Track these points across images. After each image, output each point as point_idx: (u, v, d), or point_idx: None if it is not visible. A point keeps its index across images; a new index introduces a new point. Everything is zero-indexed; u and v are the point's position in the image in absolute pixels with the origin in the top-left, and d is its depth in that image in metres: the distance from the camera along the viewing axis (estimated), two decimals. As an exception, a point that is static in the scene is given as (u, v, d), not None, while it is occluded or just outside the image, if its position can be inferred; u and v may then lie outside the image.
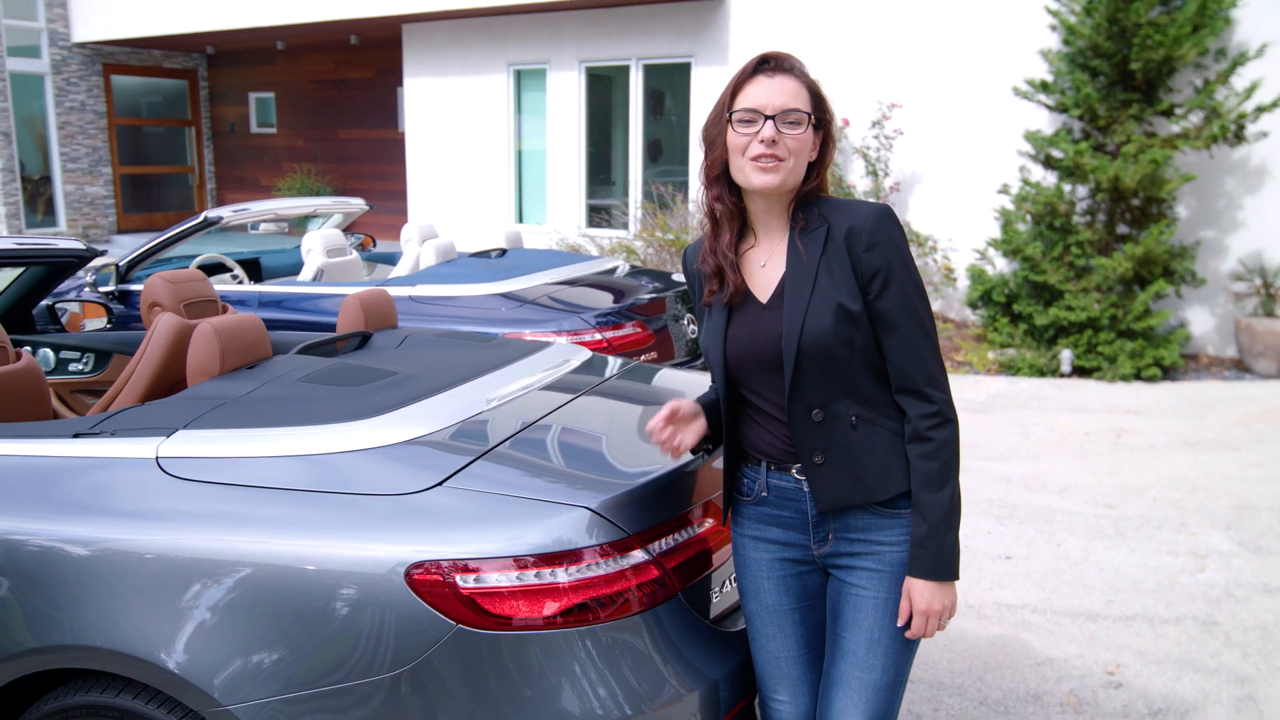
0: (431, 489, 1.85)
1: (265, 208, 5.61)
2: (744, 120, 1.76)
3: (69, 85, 14.64)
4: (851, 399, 1.78)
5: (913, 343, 1.76)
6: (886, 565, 1.82)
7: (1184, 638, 3.50)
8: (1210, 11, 6.87)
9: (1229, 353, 7.69)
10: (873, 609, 1.83)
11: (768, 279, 1.85)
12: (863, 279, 1.76)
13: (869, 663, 1.83)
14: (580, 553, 1.76)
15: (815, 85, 1.81)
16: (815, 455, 1.80)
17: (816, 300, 1.75)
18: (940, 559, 1.76)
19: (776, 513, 1.90)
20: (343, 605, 1.75)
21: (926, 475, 1.76)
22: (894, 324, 1.76)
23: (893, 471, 1.79)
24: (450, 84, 11.70)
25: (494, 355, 2.65)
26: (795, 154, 1.76)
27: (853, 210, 1.79)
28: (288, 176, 15.01)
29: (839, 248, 1.77)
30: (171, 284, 3.17)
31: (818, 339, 1.74)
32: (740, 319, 1.85)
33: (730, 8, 9.59)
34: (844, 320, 1.74)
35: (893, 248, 1.76)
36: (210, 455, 1.96)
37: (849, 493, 1.80)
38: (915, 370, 1.76)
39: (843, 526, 1.84)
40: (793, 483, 1.86)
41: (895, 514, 1.82)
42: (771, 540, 1.92)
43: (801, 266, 1.78)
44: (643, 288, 4.88)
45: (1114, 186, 7.00)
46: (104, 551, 1.87)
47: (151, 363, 2.82)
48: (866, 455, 1.79)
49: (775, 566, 1.92)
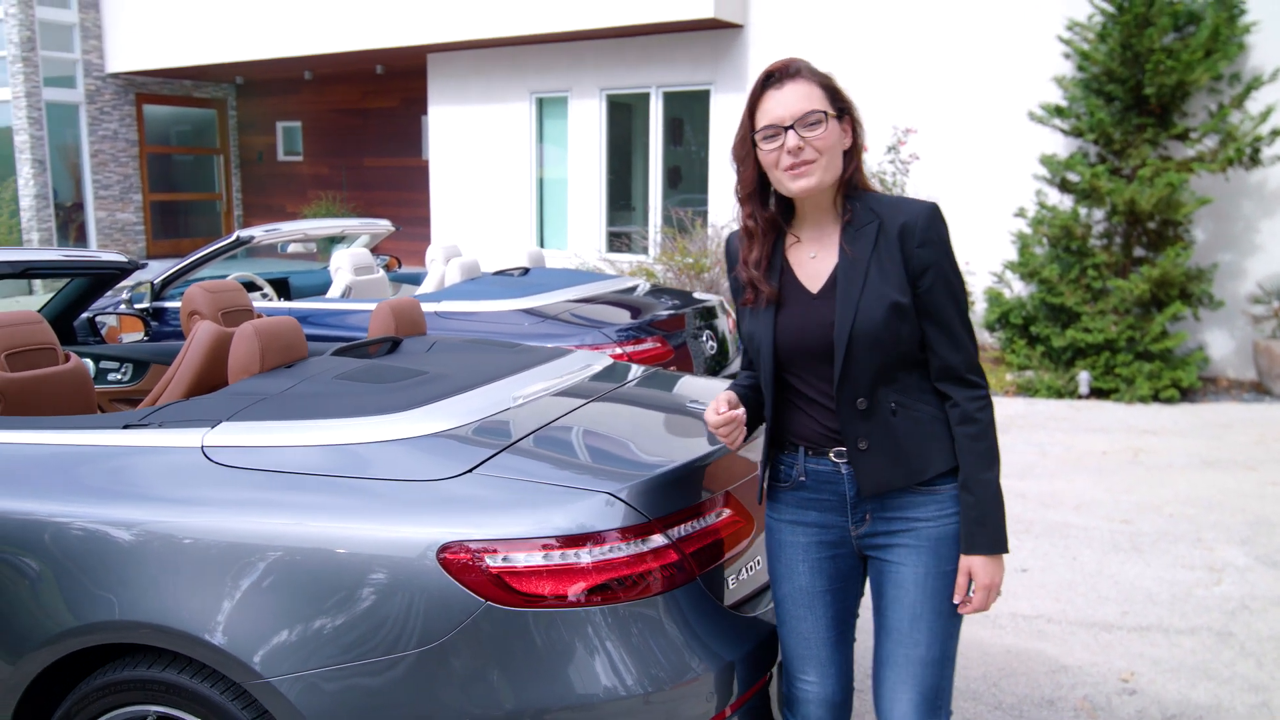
0: (460, 476, 1.95)
1: (295, 228, 5.76)
2: (767, 137, 1.85)
3: (102, 114, 15.00)
4: (891, 387, 1.86)
5: (957, 334, 1.86)
6: (924, 540, 1.89)
7: (1199, 647, 3.53)
8: (1223, 37, 6.95)
9: (1248, 375, 7.70)
10: (913, 584, 1.89)
11: (817, 270, 1.91)
12: (913, 274, 1.84)
13: (914, 638, 1.89)
14: (602, 535, 1.85)
15: (826, 79, 1.87)
16: (860, 441, 1.87)
17: (869, 293, 1.83)
18: (997, 534, 1.85)
19: (814, 496, 1.96)
20: (377, 584, 1.84)
21: (977, 455, 1.85)
22: (941, 317, 1.85)
23: (931, 453, 1.88)
24: (473, 112, 11.93)
25: (519, 359, 2.75)
26: (825, 152, 1.83)
27: (904, 207, 1.87)
28: (313, 203, 15.28)
29: (891, 243, 1.84)
30: (210, 293, 3.30)
31: (869, 330, 1.82)
32: (790, 309, 1.91)
33: (749, 36, 9.76)
34: (894, 314, 1.82)
35: (942, 245, 1.85)
36: (252, 444, 2.06)
37: (891, 475, 1.87)
38: (960, 359, 1.86)
39: (880, 506, 1.91)
40: (830, 466, 1.93)
41: (931, 491, 1.89)
42: (809, 524, 1.98)
43: (852, 262, 1.86)
44: (662, 304, 4.98)
45: (1130, 209, 7.06)
46: (152, 534, 1.97)
47: (191, 367, 2.94)
48: (906, 439, 1.87)
49: (811, 549, 1.98)
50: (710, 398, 2.64)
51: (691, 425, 2.42)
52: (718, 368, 5.02)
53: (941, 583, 1.90)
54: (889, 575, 1.93)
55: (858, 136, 1.91)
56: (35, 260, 3.56)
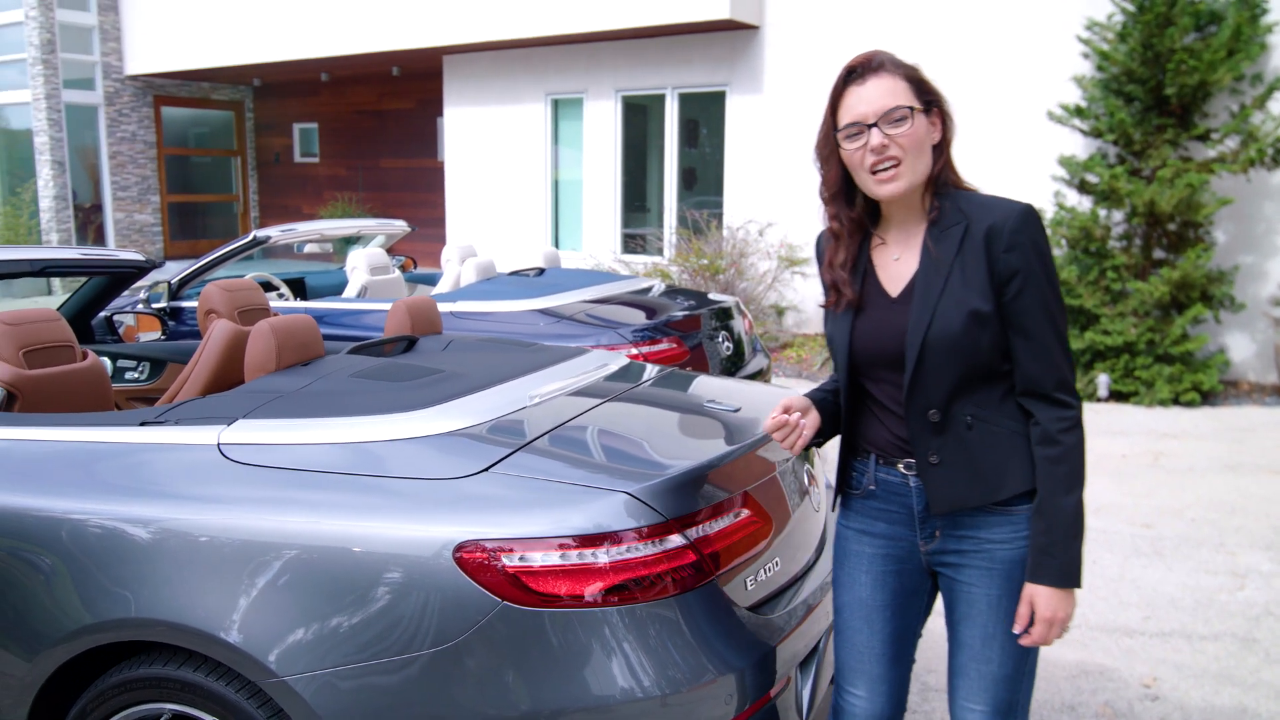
0: (477, 474, 1.93)
1: (311, 228, 5.77)
2: (850, 136, 1.75)
3: (121, 116, 15.10)
4: (969, 399, 1.76)
5: (1045, 347, 1.73)
6: (997, 563, 1.80)
7: (1223, 653, 3.48)
8: (1245, 37, 6.88)
9: (1270, 379, 7.61)
10: (985, 606, 1.82)
11: (900, 273, 1.83)
12: (999, 280, 1.72)
13: (985, 655, 1.83)
14: (620, 535, 1.83)
15: (911, 71, 1.77)
16: (930, 455, 1.78)
17: (946, 301, 1.73)
18: (1065, 566, 1.73)
19: (883, 507, 1.90)
20: (393, 583, 1.82)
21: (1054, 480, 1.73)
22: (1027, 328, 1.73)
23: (1010, 471, 1.76)
24: (489, 113, 11.94)
25: (535, 358, 2.74)
26: (911, 150, 1.73)
27: (994, 208, 1.75)
28: (329, 205, 15.34)
29: (977, 246, 1.73)
30: (227, 292, 3.30)
31: (943, 340, 1.73)
32: (868, 313, 1.84)
33: (765, 37, 9.73)
34: (973, 323, 1.72)
35: (1033, 249, 1.72)
36: (268, 442, 2.05)
37: (965, 494, 1.78)
38: (1046, 375, 1.73)
39: (950, 524, 1.83)
40: (899, 477, 1.86)
41: (1007, 512, 1.79)
42: (876, 535, 1.92)
43: (934, 264, 1.76)
44: (678, 305, 4.96)
45: (1150, 211, 7.00)
46: (167, 531, 1.96)
47: (208, 365, 2.94)
48: (983, 456, 1.76)
49: (876, 561, 1.92)
50: (727, 398, 2.62)
51: (710, 425, 2.40)
52: (734, 368, 5.00)
53: (1015, 604, 1.81)
54: (960, 594, 1.86)
55: (948, 129, 1.81)
56: (53, 259, 3.58)
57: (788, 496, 2.30)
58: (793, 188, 9.66)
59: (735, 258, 9.19)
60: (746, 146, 10.00)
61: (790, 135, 9.64)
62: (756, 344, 5.44)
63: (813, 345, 8.99)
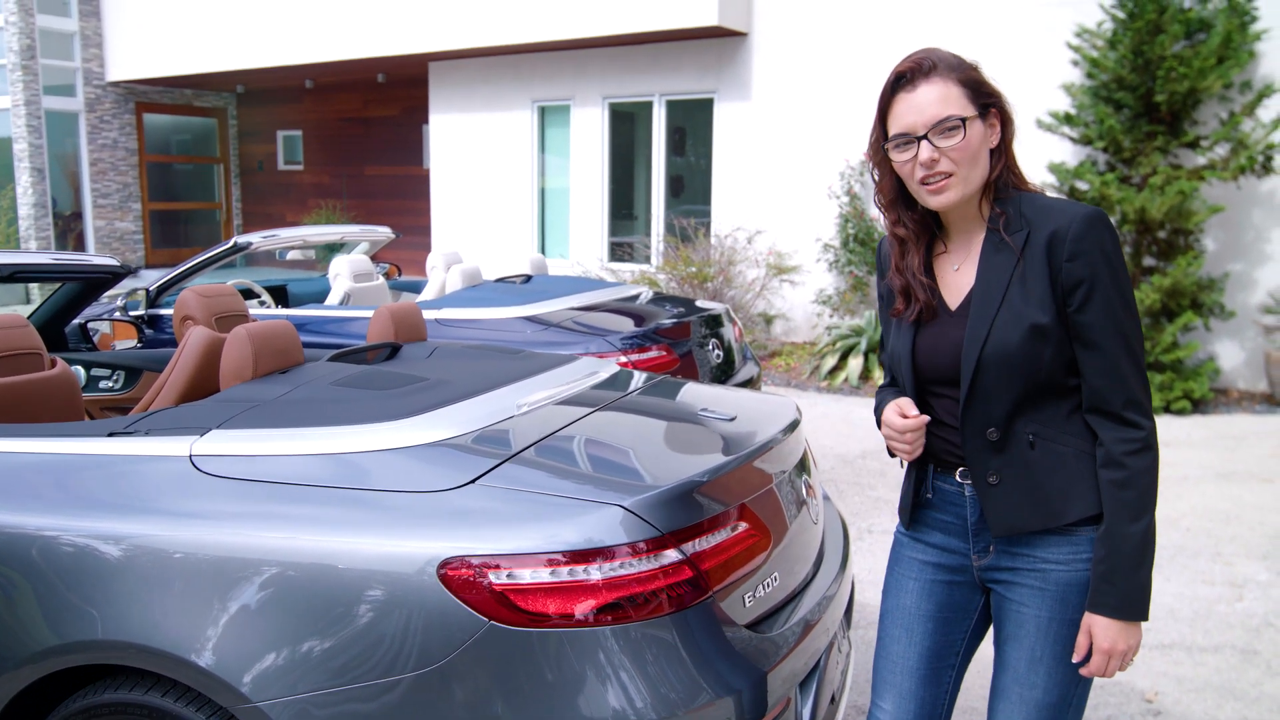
0: (463, 487, 1.84)
1: (293, 234, 5.67)
2: (899, 147, 1.66)
3: (102, 123, 14.94)
4: (1031, 417, 1.66)
5: (1114, 362, 1.61)
6: (1051, 584, 1.71)
7: (1224, 666, 3.41)
8: (1235, 44, 6.88)
9: (1260, 387, 7.59)
10: (1034, 628, 1.73)
11: (959, 285, 1.74)
12: (1062, 290, 1.62)
13: (1030, 680, 1.74)
14: (613, 550, 1.74)
15: (967, 73, 1.67)
16: (990, 476, 1.69)
17: (1004, 314, 1.63)
18: (1128, 596, 1.62)
19: (939, 515, 1.84)
20: (374, 602, 1.73)
21: (1119, 504, 1.61)
22: (1094, 341, 1.61)
23: (1075, 495, 1.66)
24: (475, 120, 11.86)
25: (522, 366, 2.65)
26: (964, 162, 1.64)
27: (1058, 213, 1.64)
28: (313, 213, 15.21)
29: (1038, 255, 1.63)
30: (204, 298, 3.20)
31: (1000, 356, 1.63)
32: (929, 326, 1.75)
33: (753, 44, 9.69)
34: (1033, 337, 1.62)
35: (1100, 257, 1.60)
36: (243, 453, 1.96)
37: (1027, 517, 1.68)
38: (1114, 392, 1.62)
39: (1005, 540, 1.75)
40: (955, 486, 1.79)
41: (1068, 532, 1.69)
42: (930, 544, 1.86)
43: (992, 276, 1.66)
44: (666, 312, 4.88)
45: (1140, 218, 6.97)
46: (136, 547, 1.86)
47: (183, 373, 2.84)
48: (1047, 477, 1.67)
49: (925, 569, 1.86)
50: (722, 406, 2.53)
51: (704, 435, 2.32)
52: (724, 376, 4.92)
53: (1066, 630, 1.71)
54: (1009, 612, 1.77)
55: (1007, 132, 1.70)
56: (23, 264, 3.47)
57: (785, 509, 2.22)
58: (781, 195, 9.61)
59: (723, 265, 9.13)
60: (735, 154, 9.94)
61: (779, 143, 9.60)
62: (747, 352, 5.37)
63: (801, 354, 8.93)
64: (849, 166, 9.03)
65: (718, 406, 2.51)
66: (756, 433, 2.26)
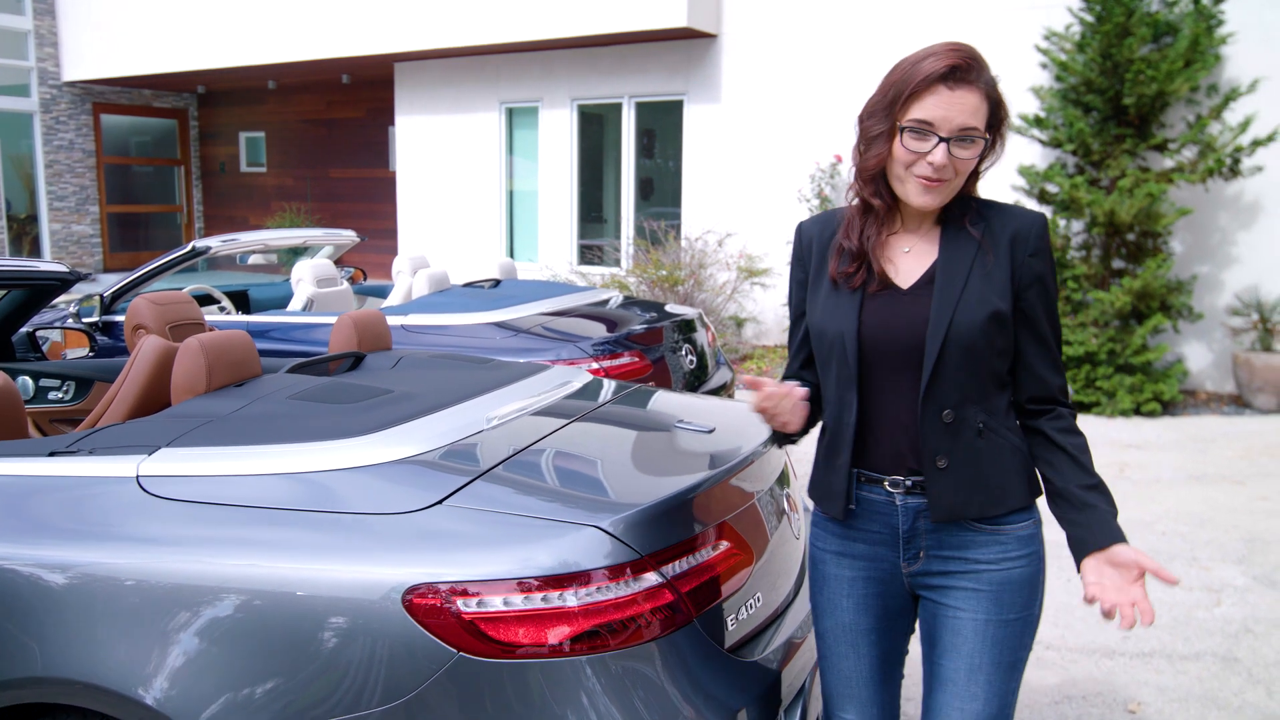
0: (430, 508, 1.74)
1: (255, 238, 5.52)
2: (916, 133, 1.63)
3: (58, 124, 14.60)
4: (980, 405, 1.71)
5: (1054, 354, 1.74)
6: (985, 585, 1.73)
7: (1205, 674, 3.38)
8: (1202, 47, 6.91)
9: (1227, 388, 7.64)
10: (972, 632, 1.72)
11: (910, 266, 1.74)
12: (1020, 284, 1.70)
13: (970, 692, 1.72)
14: (589, 575, 1.65)
15: (995, 90, 1.67)
16: (939, 459, 1.70)
17: (970, 293, 1.67)
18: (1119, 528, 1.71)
19: (864, 527, 1.79)
20: (336, 632, 1.62)
21: (1089, 462, 1.73)
22: (1041, 334, 1.72)
23: (1010, 487, 1.72)
24: (442, 122, 11.70)
25: (492, 376, 2.55)
26: (963, 173, 1.67)
27: (1015, 214, 1.73)
28: (277, 215, 14.96)
29: (1001, 249, 1.69)
30: (157, 305, 3.06)
31: (966, 332, 1.66)
32: (875, 303, 1.72)
33: (723, 46, 9.63)
34: (994, 322, 1.67)
35: (1050, 258, 1.73)
36: (195, 473, 1.84)
37: (966, 502, 1.71)
38: (1055, 381, 1.74)
39: (936, 544, 1.75)
40: (883, 496, 1.76)
41: (996, 531, 1.73)
42: (856, 556, 1.81)
43: (955, 260, 1.70)
44: (638, 317, 4.79)
45: (1110, 220, 6.98)
46: (80, 576, 1.74)
47: (135, 386, 2.70)
48: (990, 466, 1.71)
49: (857, 584, 1.82)
50: (702, 416, 2.45)
51: (683, 448, 2.23)
52: (697, 382, 4.84)
53: (1004, 631, 1.72)
54: (945, 621, 1.75)
55: (994, 152, 1.71)
56: (-35, 270, 3.30)
57: (767, 525, 2.14)
58: (752, 198, 9.56)
59: (694, 269, 9.05)
60: (705, 156, 9.88)
61: (749, 145, 9.54)
62: (720, 357, 5.30)
63: (773, 357, 8.87)
64: (819, 169, 8.99)
65: (695, 417, 2.42)
66: (737, 446, 2.17)
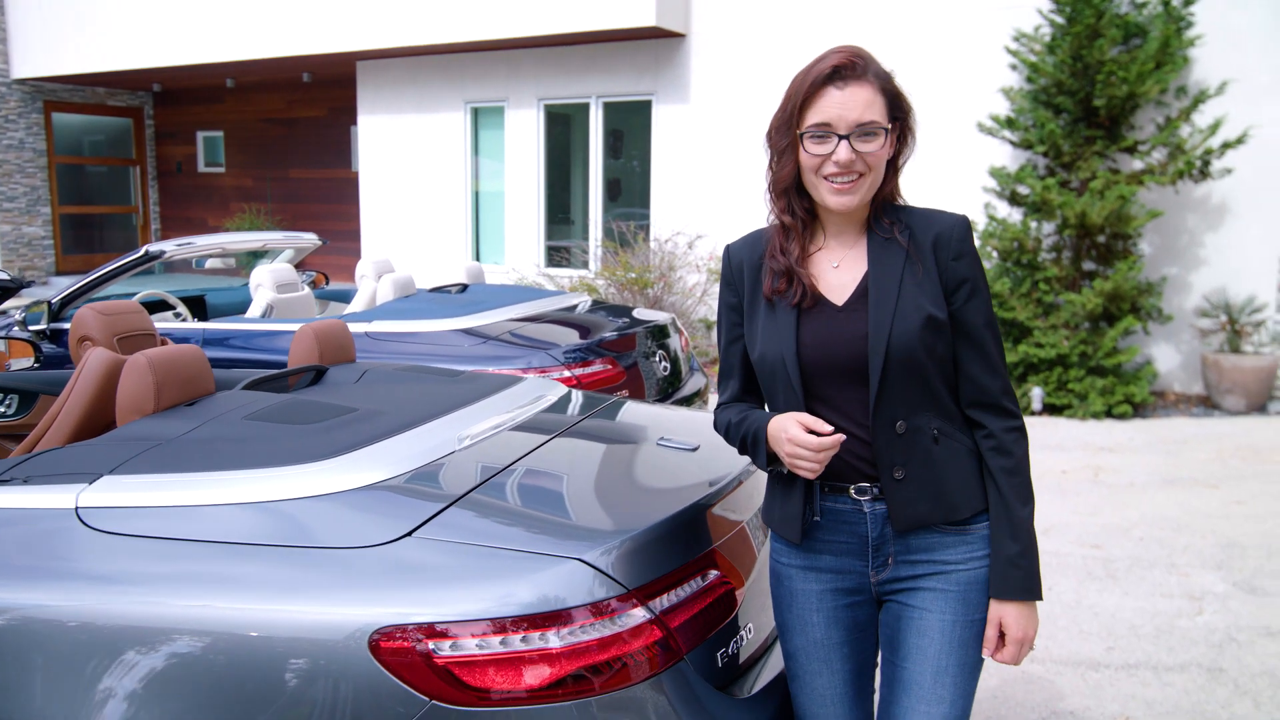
0: (399, 540, 1.61)
1: (211, 242, 5.32)
2: (815, 137, 1.64)
3: (7, 123, 14.17)
4: (932, 412, 1.67)
5: (992, 356, 1.69)
6: (954, 585, 1.69)
7: (1191, 686, 3.32)
8: (1172, 49, 6.91)
9: (1195, 389, 7.66)
10: (939, 634, 1.68)
11: (842, 281, 1.71)
12: (948, 288, 1.68)
13: (936, 694, 1.66)
14: (572, 613, 1.52)
15: (890, 83, 1.66)
16: (895, 470, 1.66)
17: (904, 304, 1.64)
18: (1030, 578, 1.66)
19: (829, 538, 1.73)
20: (296, 679, 1.49)
21: (1013, 490, 1.67)
22: (976, 336, 1.68)
23: (970, 490, 1.69)
24: (405, 122, 11.50)
25: (463, 391, 2.41)
26: (874, 168, 1.65)
27: (936, 218, 1.71)
28: (236, 217, 14.63)
29: (925, 254, 1.67)
30: (104, 316, 2.88)
31: (905, 343, 1.62)
32: (812, 322, 1.69)
33: (691, 45, 9.53)
34: (930, 327, 1.64)
35: (976, 259, 1.70)
36: (140, 504, 1.69)
37: (929, 510, 1.67)
38: (995, 384, 1.69)
39: (904, 549, 1.70)
40: (850, 504, 1.70)
41: (962, 532, 1.70)
42: (823, 569, 1.75)
43: (885, 270, 1.67)
44: (610, 324, 4.67)
45: (1081, 222, 6.97)
46: (14, 619, 1.59)
47: (79, 403, 2.53)
48: (948, 471, 1.68)
49: (826, 598, 1.76)
50: (684, 432, 2.33)
51: (667, 469, 2.11)
52: (670, 389, 4.73)
53: (970, 632, 1.69)
54: (910, 623, 1.71)
55: (904, 148, 1.71)
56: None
57: (756, 549, 2.02)
58: (722, 199, 9.46)
59: (664, 271, 8.94)
60: (673, 157, 9.77)
61: (719, 145, 9.45)
62: (694, 362, 5.19)
63: (744, 360, 8.77)
64: (789, 170, 8.92)
65: (678, 434, 2.30)
66: (724, 465, 2.06)
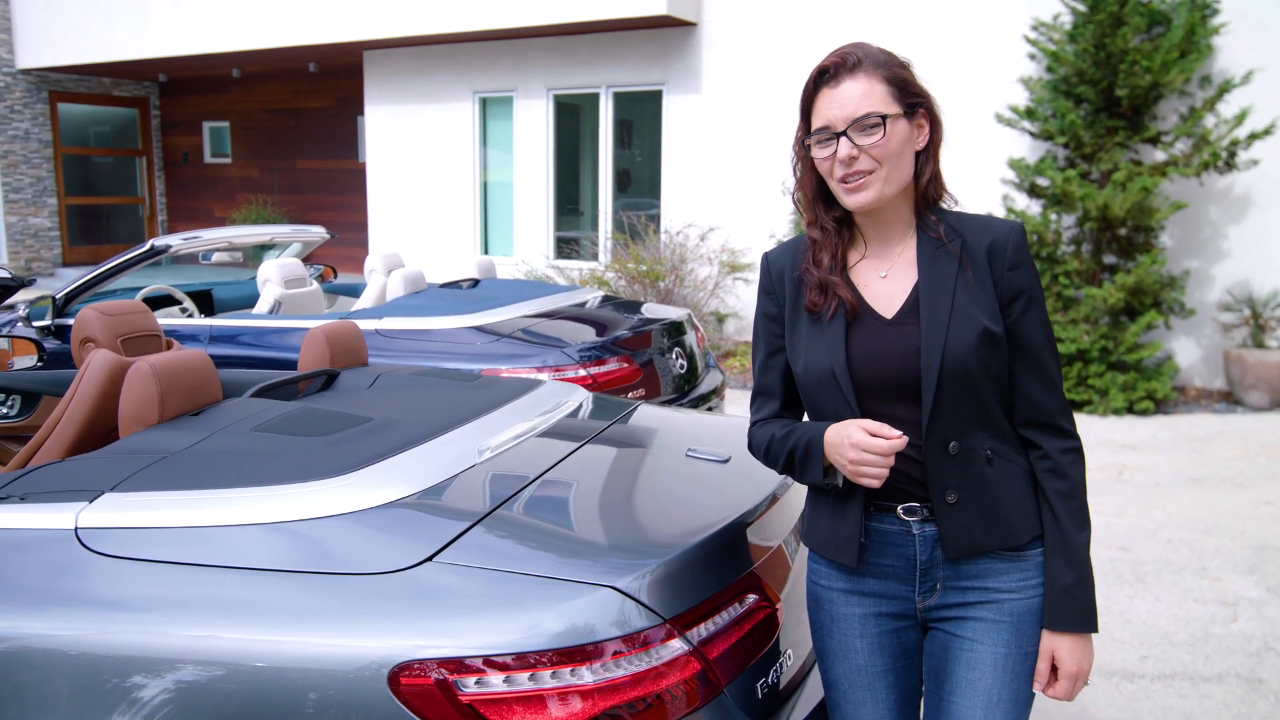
0: (419, 566, 1.51)
1: (218, 235, 5.22)
2: (820, 142, 1.58)
3: (12, 113, 14.09)
4: (986, 431, 1.58)
5: (1050, 372, 1.60)
6: (1006, 615, 1.59)
7: (1231, 698, 3.21)
8: (1196, 37, 6.76)
9: (1217, 384, 7.53)
10: (991, 667, 1.59)
11: (890, 292, 1.61)
12: (1004, 299, 1.58)
13: None
14: (603, 646, 1.42)
15: (894, 71, 1.56)
16: (948, 494, 1.57)
17: (958, 317, 1.55)
18: (1086, 609, 1.57)
19: (875, 561, 1.64)
20: (308, 716, 1.39)
21: (1069, 514, 1.58)
22: (1033, 352, 1.59)
23: (1027, 513, 1.60)
24: (413, 112, 11.38)
25: (481, 397, 2.31)
26: (885, 160, 1.55)
27: (991, 225, 1.62)
28: (242, 208, 14.55)
29: (979, 264, 1.58)
30: (107, 316, 2.78)
31: (960, 359, 1.54)
32: (859, 335, 1.60)
33: (702, 34, 9.39)
34: (986, 343, 1.55)
35: (1033, 269, 1.60)
36: (143, 525, 1.59)
37: (984, 536, 1.57)
38: (1052, 402, 1.60)
39: (954, 574, 1.61)
40: (897, 525, 1.61)
41: (1017, 558, 1.60)
42: (867, 593, 1.65)
43: (938, 283, 1.57)
44: (625, 320, 4.56)
45: (1103, 215, 6.83)
46: (9, 649, 1.49)
47: (81, 408, 2.43)
48: (1003, 494, 1.58)
49: (870, 622, 1.66)
50: (712, 441, 2.22)
51: (698, 484, 2.00)
52: (687, 387, 4.62)
53: (1023, 665, 1.60)
54: (959, 654, 1.61)
55: (936, 135, 1.61)
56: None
57: (794, 568, 1.92)
58: (734, 190, 9.34)
59: (675, 263, 8.82)
60: (685, 147, 9.64)
61: (731, 136, 9.32)
62: (710, 359, 5.08)
63: (756, 354, 8.66)
64: (803, 161, 8.78)
65: (707, 443, 2.19)
66: (759, 479, 1.95)
